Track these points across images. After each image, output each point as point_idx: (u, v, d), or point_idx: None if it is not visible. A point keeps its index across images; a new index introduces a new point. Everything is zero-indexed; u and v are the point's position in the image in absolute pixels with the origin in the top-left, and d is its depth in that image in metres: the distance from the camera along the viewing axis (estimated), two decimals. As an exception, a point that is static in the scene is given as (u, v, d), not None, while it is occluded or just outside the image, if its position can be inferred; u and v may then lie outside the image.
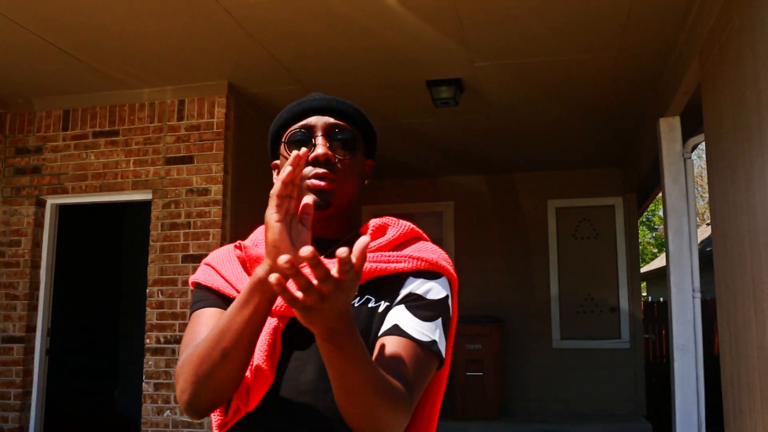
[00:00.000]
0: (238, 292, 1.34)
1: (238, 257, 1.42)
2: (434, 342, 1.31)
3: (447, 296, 1.39)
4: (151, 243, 5.48)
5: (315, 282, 0.97)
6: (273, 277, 0.95)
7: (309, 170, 1.39)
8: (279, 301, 1.30)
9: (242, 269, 1.42)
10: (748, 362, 3.31)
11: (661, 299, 16.63)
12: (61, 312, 6.47)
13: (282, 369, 1.32)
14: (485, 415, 7.68)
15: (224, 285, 1.40)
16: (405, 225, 1.46)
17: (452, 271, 1.43)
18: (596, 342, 8.25)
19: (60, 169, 5.73)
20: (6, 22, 4.37)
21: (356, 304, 1.35)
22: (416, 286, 1.36)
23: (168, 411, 5.21)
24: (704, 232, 16.45)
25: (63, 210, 6.02)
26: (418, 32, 4.53)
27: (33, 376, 5.69)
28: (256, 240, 1.49)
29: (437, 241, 8.65)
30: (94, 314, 8.73)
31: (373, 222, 1.47)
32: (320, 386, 1.29)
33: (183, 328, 5.28)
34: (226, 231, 5.35)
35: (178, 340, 5.28)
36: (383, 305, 1.35)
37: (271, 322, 1.32)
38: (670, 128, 5.21)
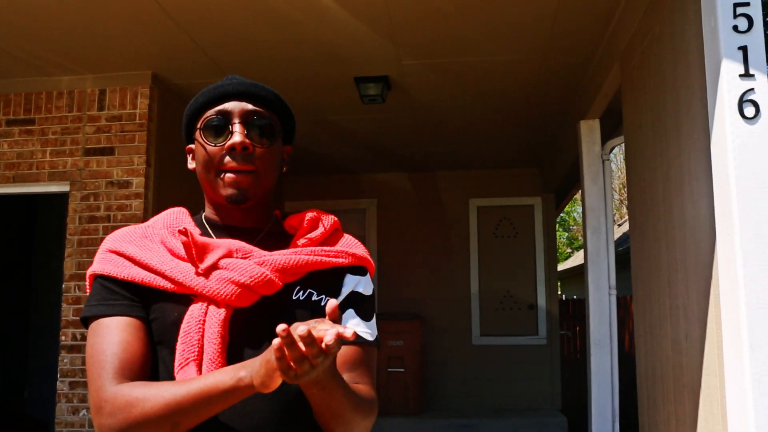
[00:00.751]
0: (173, 281, 1.31)
1: (183, 242, 1.34)
2: (377, 337, 1.47)
3: (374, 289, 1.52)
4: (67, 237, 5.29)
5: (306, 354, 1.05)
6: (276, 348, 1.03)
7: (227, 160, 1.38)
8: (224, 290, 1.29)
9: (171, 254, 1.36)
10: (662, 355, 3.46)
11: (575, 297, 17.16)
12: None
13: (233, 360, 1.28)
14: (407, 411, 7.75)
15: (150, 276, 1.33)
16: (332, 218, 1.51)
17: (373, 265, 1.53)
18: (514, 338, 8.46)
19: (-30, 158, 5.47)
20: None
21: (301, 298, 1.38)
22: (354, 285, 1.44)
23: (84, 410, 5.05)
24: (617, 231, 17.05)
25: (-28, 201, 5.76)
26: (347, 28, 4.53)
27: (-63, 375, 5.42)
28: (176, 224, 1.45)
29: (360, 237, 8.65)
30: (3, 310, 8.38)
31: (307, 215, 1.48)
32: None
33: (101, 324, 5.12)
34: (147, 225, 5.22)
35: (95, 337, 5.12)
36: (325, 299, 1.39)
37: (219, 312, 1.30)
38: (590, 130, 5.38)
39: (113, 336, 1.28)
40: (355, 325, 1.40)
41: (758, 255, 2.36)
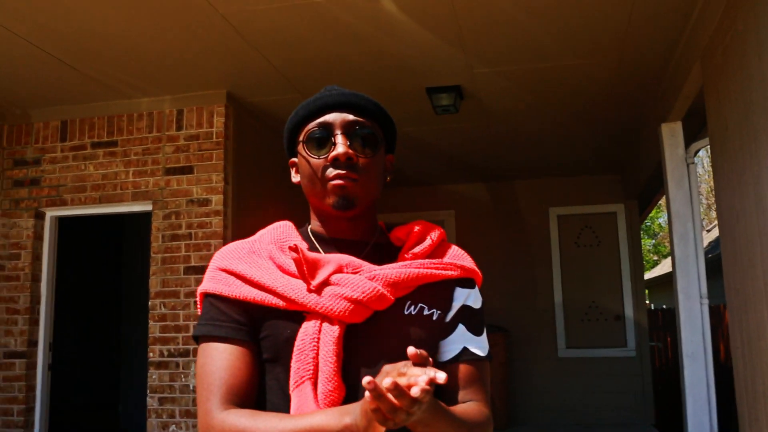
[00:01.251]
0: (285, 299, 1.30)
1: (294, 259, 1.33)
2: (489, 351, 1.45)
3: (483, 302, 1.48)
4: (152, 255, 5.42)
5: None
6: (368, 401, 1.03)
7: (330, 171, 1.36)
8: (337, 307, 1.28)
9: (281, 271, 1.35)
10: (762, 368, 3.25)
11: (664, 306, 16.56)
12: (62, 326, 6.41)
13: (347, 378, 1.28)
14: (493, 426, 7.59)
15: (261, 295, 1.32)
16: (438, 230, 1.48)
17: (480, 275, 1.50)
18: (602, 350, 8.19)
19: (59, 181, 5.69)
20: (3, 32, 4.33)
21: (413, 313, 1.35)
22: (465, 299, 1.42)
23: (173, 426, 5.14)
24: (706, 237, 16.40)
25: (62, 222, 5.98)
26: (417, 39, 4.50)
27: (36, 392, 5.62)
28: (284, 239, 1.43)
29: (439, 250, 8.59)
30: (95, 328, 8.67)
31: (415, 226, 1.46)
32: None
33: (186, 340, 5.22)
34: (227, 241, 5.30)
35: (182, 353, 5.21)
36: (436, 313, 1.38)
37: (333, 330, 1.28)
38: (672, 133, 5.17)
39: (221, 360, 1.30)
40: (466, 342, 1.39)
41: None
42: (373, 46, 4.63)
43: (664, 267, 20.53)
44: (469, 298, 1.43)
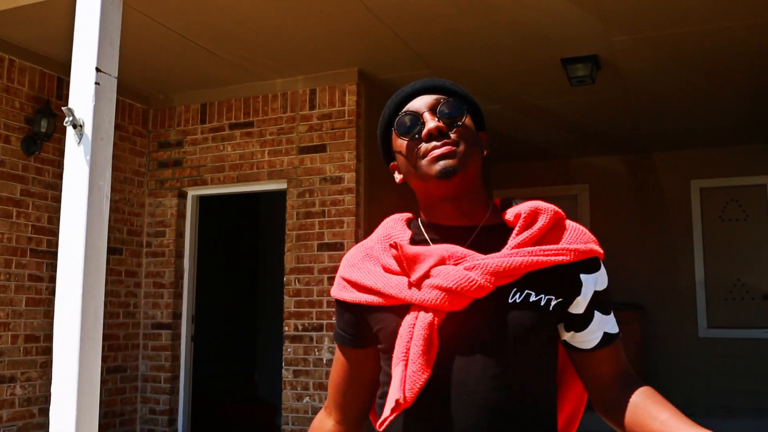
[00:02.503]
0: (387, 297, 1.39)
1: (394, 256, 1.40)
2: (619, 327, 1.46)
3: (608, 279, 1.47)
4: (287, 232, 5.57)
5: None
6: None
7: (425, 147, 1.39)
8: (430, 296, 1.33)
9: (382, 270, 1.43)
10: None
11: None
12: (203, 299, 6.72)
13: (441, 366, 1.32)
14: (627, 406, 7.36)
15: (367, 297, 1.43)
16: (552, 209, 1.45)
17: (601, 251, 1.47)
18: (747, 331, 7.72)
19: (199, 162, 5.93)
20: (148, 23, 4.52)
21: (518, 300, 1.34)
22: (594, 283, 1.41)
23: (307, 398, 5.29)
24: None
25: (203, 201, 6.24)
26: (552, 7, 4.34)
27: (180, 361, 5.94)
28: (389, 235, 1.49)
29: (572, 225, 8.36)
30: (234, 301, 9.04)
31: (524, 209, 1.42)
32: (488, 385, 1.31)
33: (320, 315, 5.34)
34: (360, 219, 5.36)
35: (315, 328, 5.34)
36: (545, 299, 1.35)
37: (426, 317, 1.32)
38: (836, 98, 4.74)
39: (336, 369, 1.57)
40: (603, 326, 1.41)
41: None
42: (506, 17, 4.50)
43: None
44: (597, 282, 1.42)
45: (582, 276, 1.40)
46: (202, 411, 6.83)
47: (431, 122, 1.39)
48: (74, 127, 2.01)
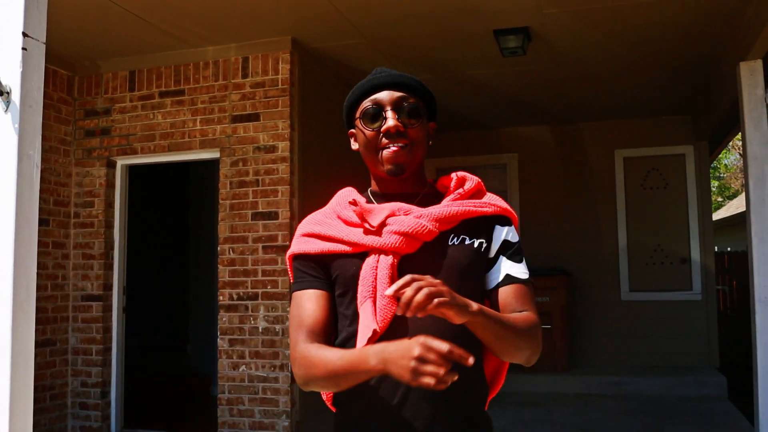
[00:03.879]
0: (350, 243, 1.64)
1: (355, 212, 1.67)
2: (529, 277, 1.71)
3: (519, 237, 1.76)
4: (220, 201, 5.52)
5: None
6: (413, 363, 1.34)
7: (383, 140, 1.67)
8: (390, 240, 1.60)
9: (346, 225, 1.69)
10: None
11: (729, 249, 16.20)
12: (134, 271, 6.62)
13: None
14: (555, 368, 7.64)
15: (333, 245, 1.66)
16: (476, 178, 1.77)
17: (514, 214, 1.77)
18: (667, 294, 8.08)
19: (128, 130, 5.80)
20: (73, -16, 4.38)
21: (456, 243, 1.65)
22: (504, 234, 1.71)
23: (243, 366, 5.31)
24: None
25: (132, 170, 6.11)
26: (486, -21, 4.38)
27: (112, 333, 5.85)
28: (341, 201, 1.77)
29: (501, 192, 8.53)
30: (165, 272, 8.93)
31: (454, 176, 1.76)
32: (437, 319, 1.45)
33: (255, 284, 5.34)
34: (294, 188, 5.35)
35: (250, 297, 5.34)
36: (477, 242, 1.67)
37: (387, 259, 1.59)
38: (751, 72, 4.97)
39: (306, 306, 1.65)
40: (508, 269, 1.67)
41: None
42: (440, -12, 4.53)
43: (729, 209, 20.01)
44: (507, 234, 1.71)
45: (496, 226, 1.71)
46: (136, 383, 6.77)
47: (391, 120, 1.65)
48: (1, 94, 1.95)
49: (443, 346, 1.31)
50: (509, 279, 1.66)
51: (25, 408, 1.93)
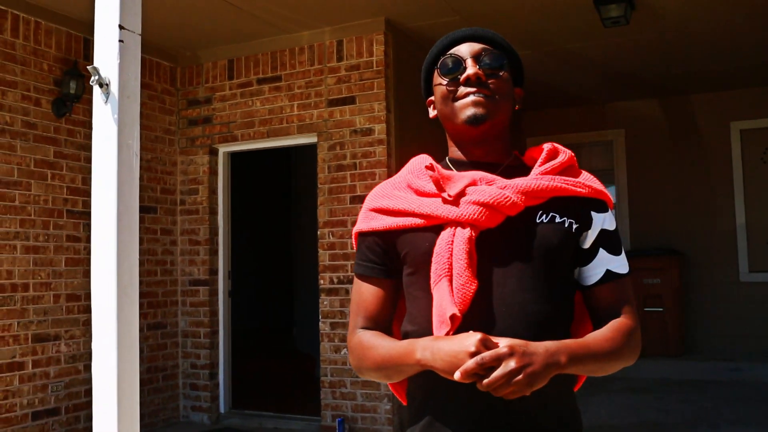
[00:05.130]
0: (423, 216, 1.47)
1: (431, 177, 1.50)
2: (630, 269, 1.55)
3: (616, 224, 1.57)
4: (318, 186, 5.55)
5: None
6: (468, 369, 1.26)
7: (462, 90, 1.50)
8: (468, 211, 1.42)
9: (418, 195, 1.52)
10: None
11: None
12: (239, 255, 6.77)
13: (482, 277, 1.41)
14: (667, 353, 7.32)
15: (403, 220, 1.50)
16: (569, 152, 1.57)
17: (611, 198, 1.58)
18: (790, 274, 7.58)
19: (229, 118, 5.91)
20: (171, -24, 4.47)
21: (545, 221, 1.46)
22: (602, 222, 1.51)
23: (344, 349, 5.34)
24: None
25: (234, 157, 6.24)
26: (586, -55, 4.18)
27: (218, 316, 6.02)
28: (413, 169, 1.60)
29: (608, 171, 8.25)
30: (269, 257, 9.12)
31: (545, 147, 1.56)
32: (523, 297, 1.39)
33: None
34: (391, 170, 5.32)
35: (350, 281, 5.36)
36: (568, 222, 1.47)
37: (464, 232, 1.42)
38: None
39: (366, 294, 1.56)
40: (608, 264, 1.50)
41: None
42: (537, -42, 4.36)
43: None
44: (605, 221, 1.51)
45: (593, 213, 1.51)
46: (242, 365, 6.95)
47: (471, 68, 1.49)
48: (100, 86, 1.99)
49: (502, 348, 1.24)
50: (610, 275, 1.49)
51: (131, 387, 1.97)
